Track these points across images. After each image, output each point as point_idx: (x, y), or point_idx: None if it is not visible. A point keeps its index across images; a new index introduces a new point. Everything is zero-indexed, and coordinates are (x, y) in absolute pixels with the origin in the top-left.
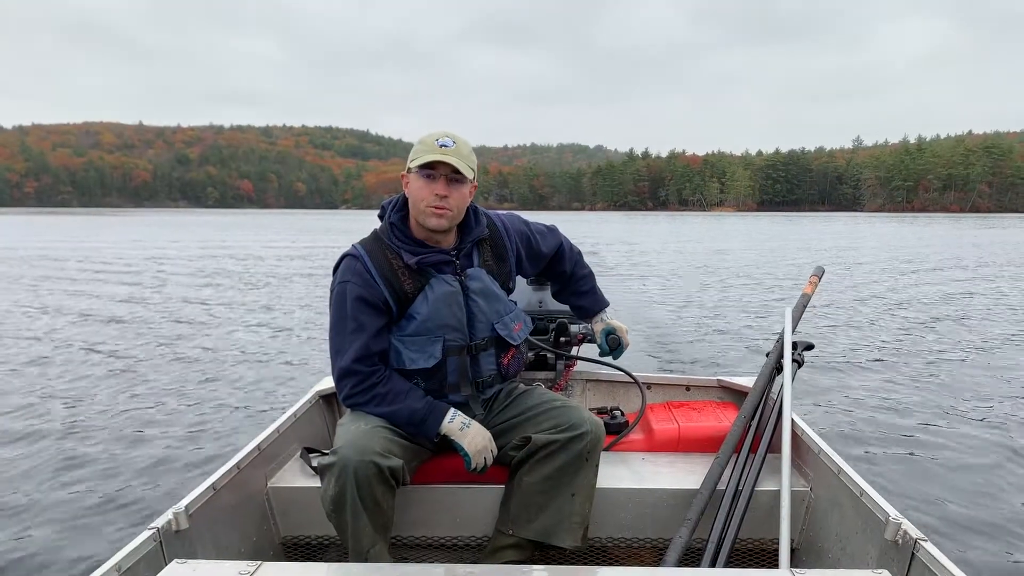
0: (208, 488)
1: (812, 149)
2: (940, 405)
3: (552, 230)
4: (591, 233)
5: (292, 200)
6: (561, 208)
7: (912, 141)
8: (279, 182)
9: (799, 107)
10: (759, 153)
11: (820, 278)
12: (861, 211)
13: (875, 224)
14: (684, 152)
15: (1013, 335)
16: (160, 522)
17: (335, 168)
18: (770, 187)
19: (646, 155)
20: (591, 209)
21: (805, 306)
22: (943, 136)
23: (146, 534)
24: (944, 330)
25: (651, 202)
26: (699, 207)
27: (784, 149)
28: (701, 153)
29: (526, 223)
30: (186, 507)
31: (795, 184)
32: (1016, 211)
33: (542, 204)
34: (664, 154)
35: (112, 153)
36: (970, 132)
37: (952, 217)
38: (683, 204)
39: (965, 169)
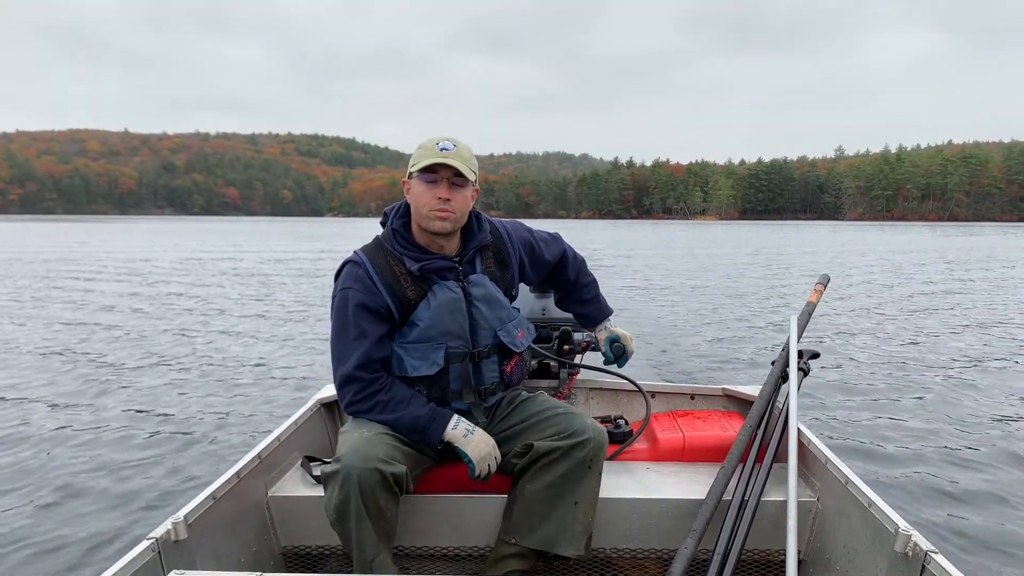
0: (207, 497)
1: (794, 158)
2: (950, 414)
3: (556, 237)
4: (575, 241)
5: (278, 207)
6: (547, 216)
7: (893, 150)
8: (265, 189)
9: (783, 116)
10: (742, 162)
11: (825, 286)
12: (842, 219)
13: (858, 231)
14: (668, 161)
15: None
16: (158, 532)
17: (321, 176)
18: (753, 196)
19: (631, 164)
20: (576, 217)
21: (810, 314)
22: (923, 146)
23: (144, 544)
24: (952, 338)
25: (636, 210)
26: (682, 215)
27: (767, 158)
28: (685, 162)
29: (529, 230)
30: (185, 517)
31: (777, 193)
32: (993, 220)
33: (528, 212)
34: (648, 163)
35: (97, 160)
36: (950, 142)
37: (930, 225)
38: (667, 212)
39: (943, 178)
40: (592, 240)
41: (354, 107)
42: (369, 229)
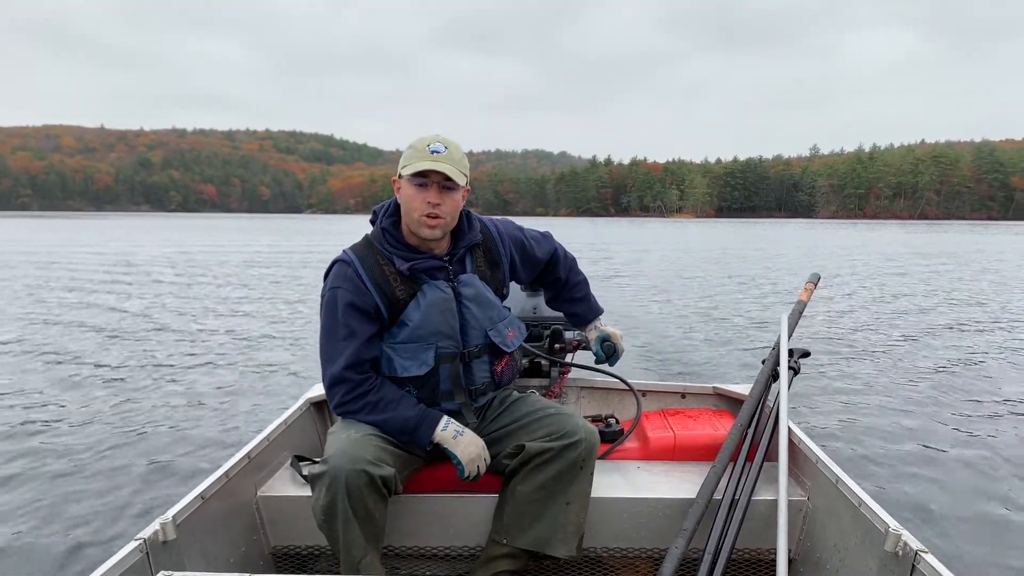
0: (196, 497)
1: (770, 157)
2: (940, 413)
3: (546, 236)
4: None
5: (256, 204)
6: (525, 214)
7: (867, 150)
8: (243, 186)
9: (760, 115)
10: (718, 161)
11: (816, 284)
12: (815, 218)
13: (835, 229)
14: (645, 159)
15: (1011, 342)
16: (146, 533)
17: (299, 172)
18: (728, 194)
19: (608, 162)
20: (555, 215)
21: (801, 313)
22: (897, 145)
23: (132, 545)
24: (942, 336)
25: (613, 208)
26: (659, 213)
27: (743, 157)
28: (662, 160)
29: (520, 229)
30: (173, 517)
31: (752, 191)
32: (962, 218)
33: (506, 210)
34: (626, 161)
35: (73, 156)
36: (923, 141)
37: (903, 223)
38: (644, 210)
39: (914, 177)
40: (571, 237)
41: (333, 104)
42: (349, 226)
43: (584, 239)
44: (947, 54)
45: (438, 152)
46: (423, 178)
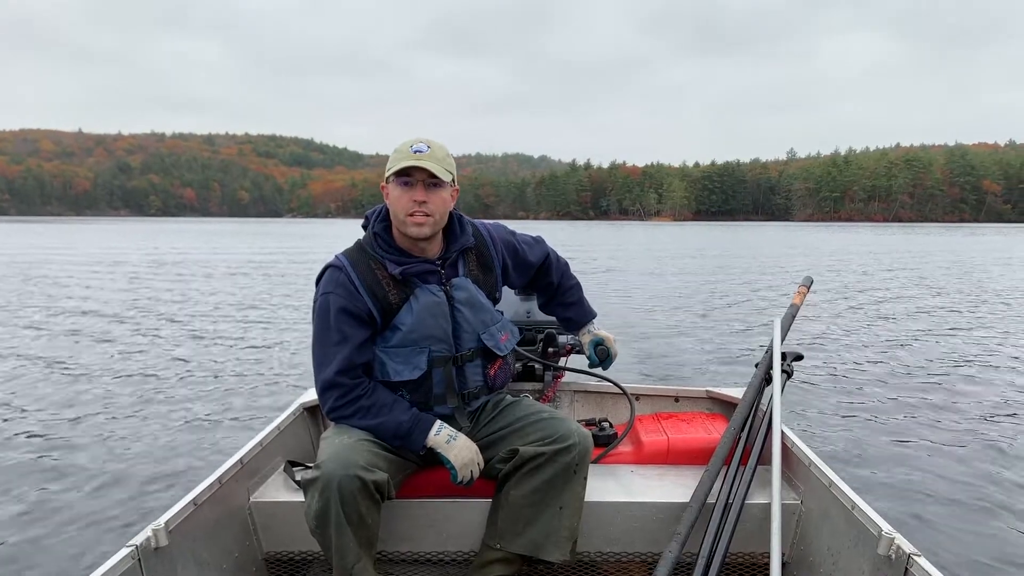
0: (189, 503)
1: (748, 161)
2: (934, 417)
3: (539, 241)
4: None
5: (236, 208)
6: (506, 217)
7: (842, 153)
8: (222, 191)
9: (739, 119)
10: (696, 164)
11: (809, 288)
12: (792, 220)
13: (814, 232)
14: (624, 163)
15: (1004, 347)
16: (139, 539)
17: (279, 176)
18: (706, 197)
19: (588, 166)
20: (535, 218)
21: (794, 316)
22: (872, 149)
23: (124, 551)
24: (933, 339)
25: (593, 211)
26: (638, 216)
27: (721, 160)
28: (641, 164)
29: (512, 233)
30: (165, 523)
31: (730, 195)
32: (935, 220)
33: (487, 213)
34: (605, 164)
35: (51, 161)
36: (898, 144)
37: (876, 226)
38: (623, 213)
39: (888, 181)
40: (552, 241)
41: (313, 107)
42: (335, 229)
43: (565, 242)
44: (922, 58)
45: (421, 151)
46: (407, 177)
